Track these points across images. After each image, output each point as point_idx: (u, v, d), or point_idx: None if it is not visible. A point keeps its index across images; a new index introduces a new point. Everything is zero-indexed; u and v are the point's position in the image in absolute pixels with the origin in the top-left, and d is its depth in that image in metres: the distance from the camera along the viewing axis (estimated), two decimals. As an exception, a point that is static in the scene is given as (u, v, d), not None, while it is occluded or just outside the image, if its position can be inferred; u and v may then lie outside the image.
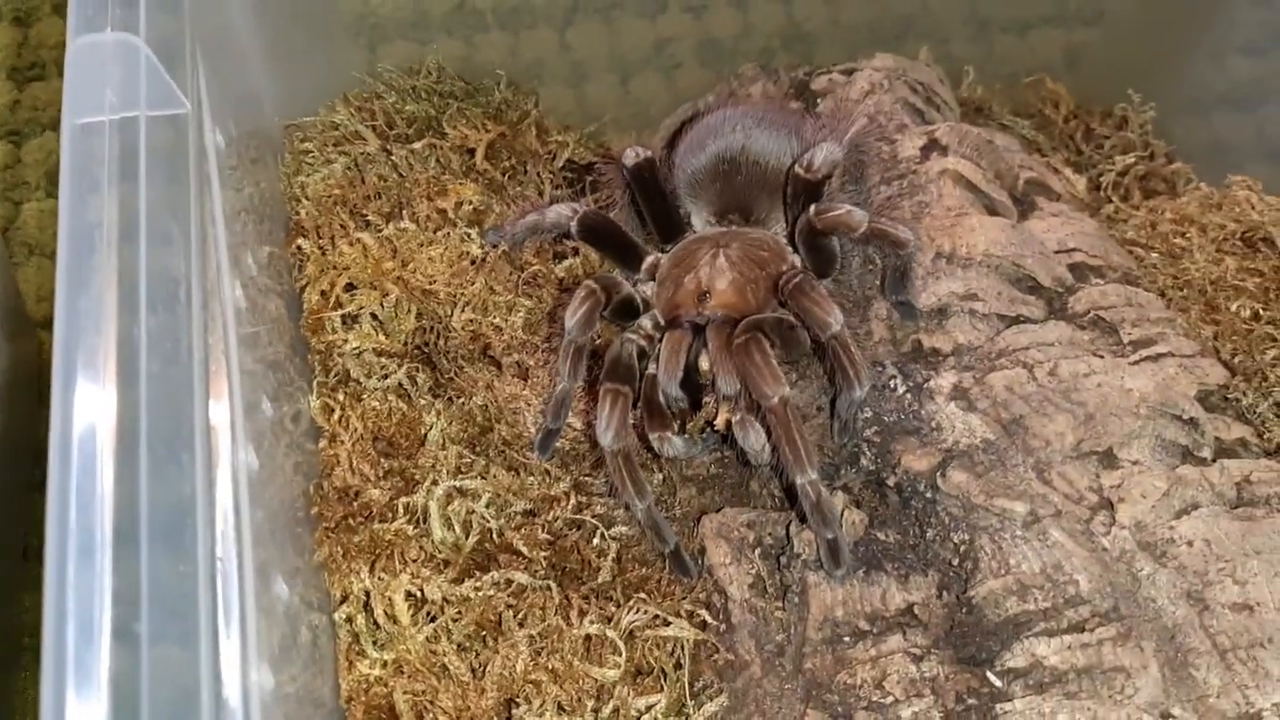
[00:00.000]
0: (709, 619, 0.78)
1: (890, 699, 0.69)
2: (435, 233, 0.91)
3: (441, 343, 0.87)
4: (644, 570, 0.80)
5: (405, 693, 0.72)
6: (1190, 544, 0.71)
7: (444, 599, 0.76)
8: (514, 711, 0.73)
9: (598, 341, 0.84)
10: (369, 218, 0.91)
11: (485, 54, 1.19)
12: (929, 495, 0.76)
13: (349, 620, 0.75)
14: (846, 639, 0.72)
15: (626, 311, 0.81)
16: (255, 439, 0.67)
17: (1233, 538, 0.71)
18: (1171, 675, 0.66)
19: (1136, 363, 0.81)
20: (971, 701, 0.68)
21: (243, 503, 0.59)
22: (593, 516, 0.81)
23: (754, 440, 0.73)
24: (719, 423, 0.76)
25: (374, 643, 0.74)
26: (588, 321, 0.77)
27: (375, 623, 0.75)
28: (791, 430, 0.70)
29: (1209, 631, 0.68)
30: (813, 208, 0.77)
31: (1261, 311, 0.91)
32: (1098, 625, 0.67)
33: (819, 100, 1.02)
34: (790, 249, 0.82)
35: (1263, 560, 0.70)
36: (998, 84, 1.19)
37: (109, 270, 0.60)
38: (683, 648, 0.77)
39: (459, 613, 0.76)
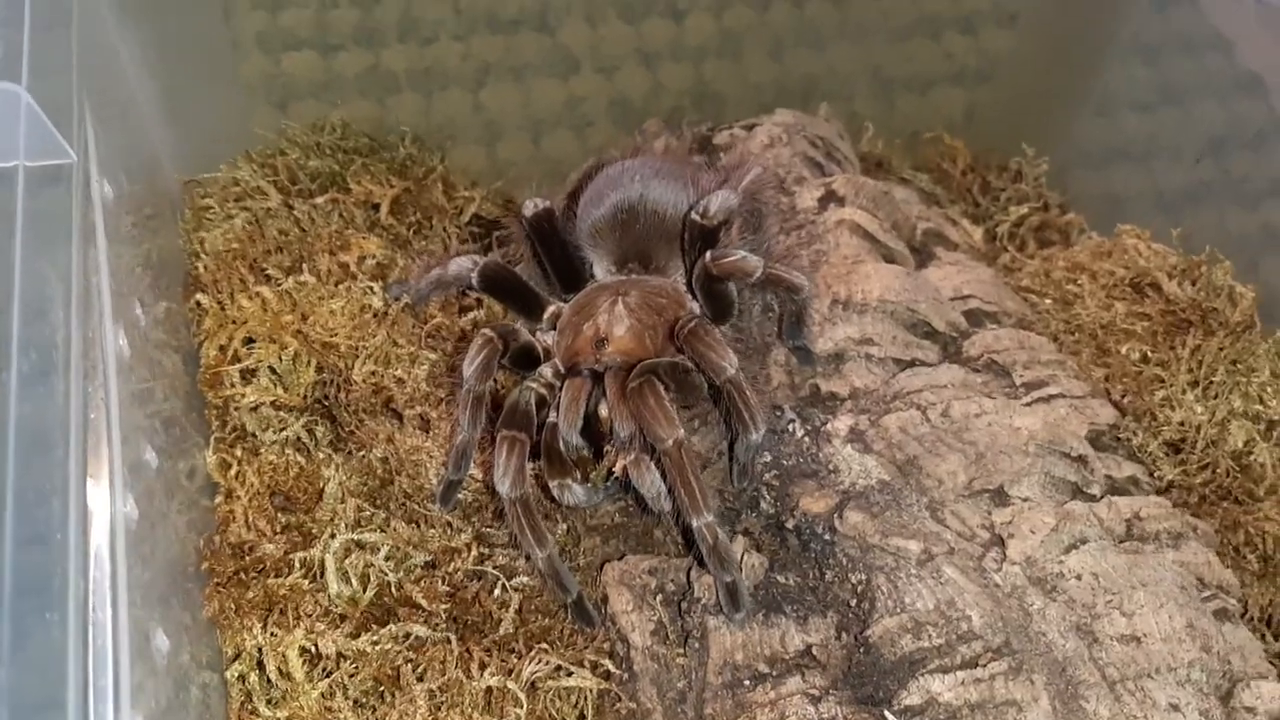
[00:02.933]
0: (612, 668, 0.77)
1: (779, 739, 0.69)
2: (337, 286, 0.91)
3: (342, 396, 0.87)
4: (546, 620, 0.80)
5: (291, 746, 0.71)
6: (1079, 577, 0.72)
7: (339, 654, 0.74)
8: (411, 767, 0.72)
9: (500, 392, 0.84)
10: (269, 272, 0.91)
11: (398, 114, 1.20)
12: (827, 537, 0.76)
13: (241, 678, 0.74)
14: (746, 682, 0.72)
15: (526, 360, 0.81)
16: (138, 493, 0.65)
17: (1120, 571, 0.72)
18: (1062, 708, 0.67)
19: (1029, 404, 0.83)
20: (869, 743, 0.68)
21: (119, 556, 0.58)
22: (494, 568, 0.81)
23: (650, 484, 0.73)
24: (617, 469, 0.76)
25: (267, 701, 0.73)
26: (485, 369, 0.77)
27: (268, 680, 0.73)
28: (686, 472, 0.70)
29: (1098, 663, 0.69)
30: (709, 254, 0.78)
31: (1150, 354, 0.94)
32: (990, 660, 0.68)
33: (721, 154, 1.04)
34: (689, 296, 0.82)
35: (1149, 592, 0.71)
36: (898, 140, 1.22)
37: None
38: (586, 698, 0.76)
39: (355, 668, 0.74)
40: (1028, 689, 0.67)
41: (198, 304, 0.89)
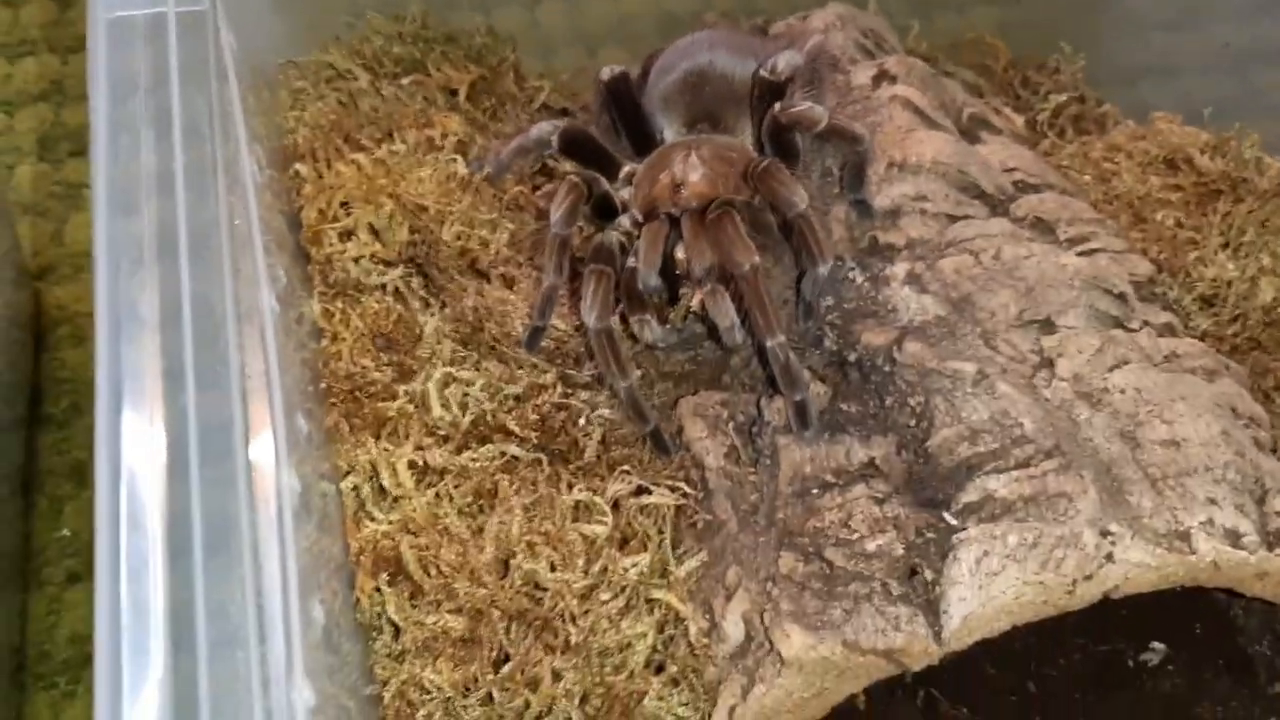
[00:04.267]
0: (687, 489, 0.84)
1: (856, 535, 0.76)
2: (424, 156, 0.98)
3: (433, 254, 0.94)
4: (626, 450, 0.87)
5: (411, 547, 0.78)
6: (1123, 392, 0.78)
7: (444, 468, 0.82)
8: (513, 561, 0.79)
9: (577, 253, 0.90)
10: (362, 142, 0.98)
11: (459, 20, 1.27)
12: (886, 368, 0.83)
13: (355, 489, 0.81)
14: (814, 491, 0.79)
15: (606, 211, 0.88)
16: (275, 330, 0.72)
17: (1160, 386, 0.79)
18: (1109, 500, 0.74)
19: (1075, 255, 0.89)
20: (930, 535, 0.75)
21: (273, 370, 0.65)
22: (578, 402, 0.88)
23: (725, 314, 0.80)
24: (694, 304, 0.83)
25: (380, 506, 0.80)
26: (571, 213, 0.84)
27: (381, 489, 0.81)
28: (761, 296, 0.77)
29: (1141, 464, 0.75)
30: (777, 105, 0.85)
31: (1184, 220, 1.00)
32: (1042, 460, 0.75)
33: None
34: (755, 152, 0.89)
35: (1187, 404, 0.78)
36: (941, 42, 1.28)
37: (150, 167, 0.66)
38: (664, 515, 0.84)
39: (458, 481, 0.82)
40: (1078, 483, 0.73)
41: (297, 172, 0.97)
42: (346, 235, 0.93)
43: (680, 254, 0.83)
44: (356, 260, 0.91)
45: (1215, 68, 1.30)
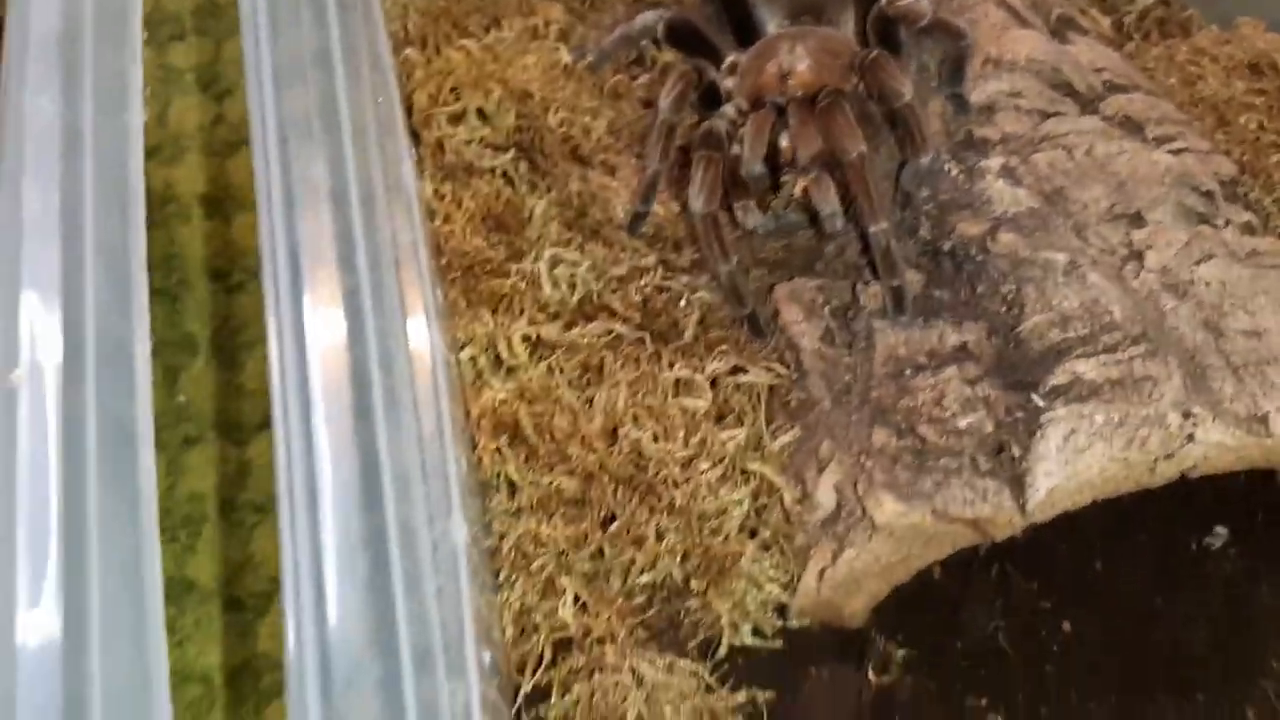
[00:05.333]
0: (781, 370, 0.89)
1: (948, 413, 0.80)
2: (529, 44, 1.01)
3: (538, 140, 0.98)
4: (723, 332, 0.92)
5: (527, 414, 0.84)
6: (1208, 284, 0.82)
7: (555, 342, 0.87)
8: (620, 430, 0.84)
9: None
10: (470, 29, 1.01)
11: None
12: (979, 257, 0.87)
13: (473, 359, 0.87)
14: (908, 372, 0.84)
15: (711, 100, 0.91)
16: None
17: (1243, 280, 0.83)
18: (1192, 384, 0.78)
19: (1164, 152, 0.93)
20: (1019, 415, 0.80)
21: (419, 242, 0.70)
22: (679, 284, 0.92)
23: (829, 201, 0.84)
24: (798, 190, 0.87)
25: (497, 376, 0.86)
26: (680, 100, 0.88)
27: (498, 360, 0.86)
28: (867, 183, 0.81)
29: (1223, 353, 0.80)
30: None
31: (1266, 124, 1.03)
32: (1129, 346, 0.79)
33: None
34: (858, 45, 0.92)
35: (1270, 298, 0.82)
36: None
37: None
38: (758, 393, 0.89)
39: (568, 355, 0.87)
40: (1163, 368, 0.78)
41: (407, 57, 1.00)
42: (456, 119, 0.97)
43: (785, 142, 0.87)
44: (467, 143, 0.95)
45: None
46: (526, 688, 0.80)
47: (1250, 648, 0.88)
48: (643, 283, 0.92)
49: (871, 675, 0.83)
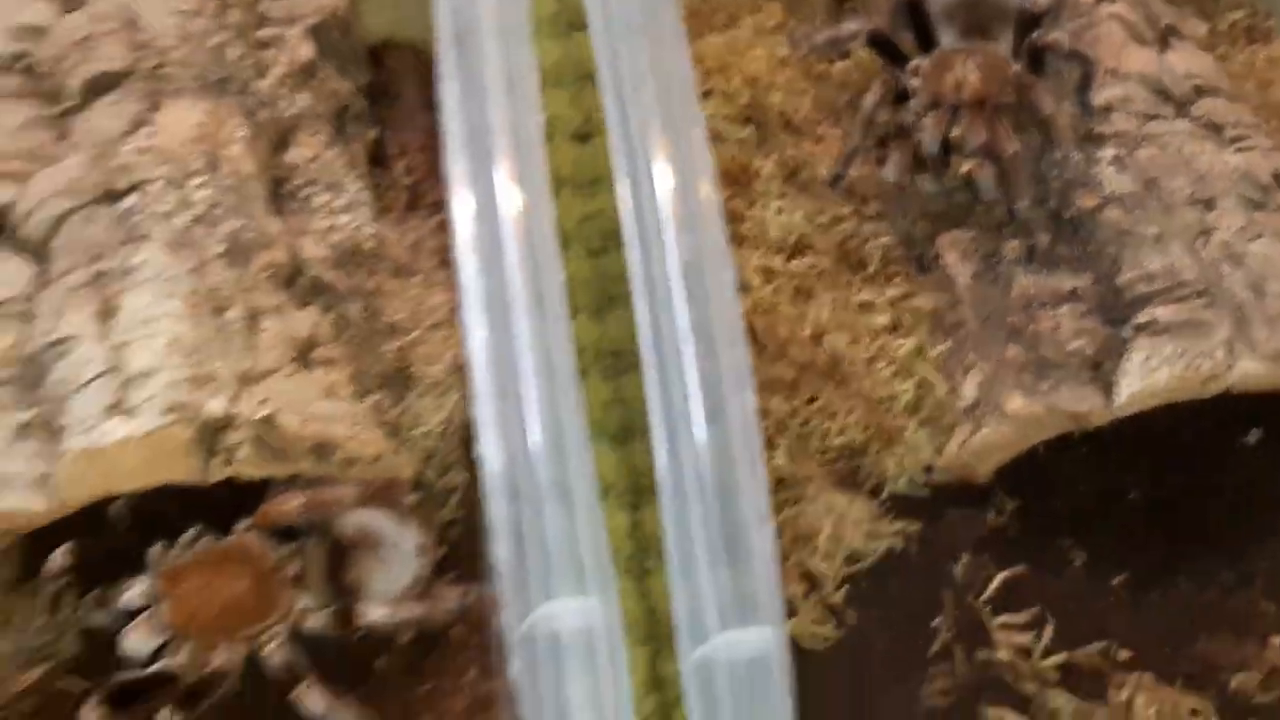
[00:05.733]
0: (942, 298, 1.23)
1: (1062, 337, 1.13)
2: (757, 38, 1.34)
3: (763, 115, 1.31)
4: (899, 268, 1.24)
5: (761, 322, 1.18)
6: (1256, 257, 1.14)
7: (779, 271, 1.21)
8: (825, 338, 1.19)
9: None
10: (716, 25, 1.34)
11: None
12: (1091, 225, 1.19)
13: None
14: (1035, 306, 1.16)
15: (900, 98, 1.24)
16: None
17: (1283, 255, 1.15)
18: (1237, 330, 1.09)
19: (1234, 151, 1.24)
20: (1112, 342, 1.13)
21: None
22: (866, 230, 1.26)
23: (988, 180, 1.16)
24: (962, 172, 1.20)
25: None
26: (881, 103, 1.20)
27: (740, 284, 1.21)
28: (1018, 173, 1.14)
29: (1263, 308, 1.11)
30: (1035, 33, 1.19)
31: (1328, 129, 1.33)
32: (1195, 299, 1.11)
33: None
34: (1011, 60, 1.24)
35: (1302, 270, 1.14)
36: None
37: None
38: (924, 314, 1.22)
39: (787, 280, 1.21)
40: (1217, 316, 1.10)
41: (666, 45, 1.33)
42: (705, 96, 1.30)
43: (957, 133, 1.19)
44: (712, 117, 1.29)
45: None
46: (753, 511, 1.16)
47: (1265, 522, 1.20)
48: (841, 228, 1.26)
49: (991, 517, 1.10)
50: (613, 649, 0.83)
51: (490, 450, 0.87)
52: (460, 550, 1.08)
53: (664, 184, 0.97)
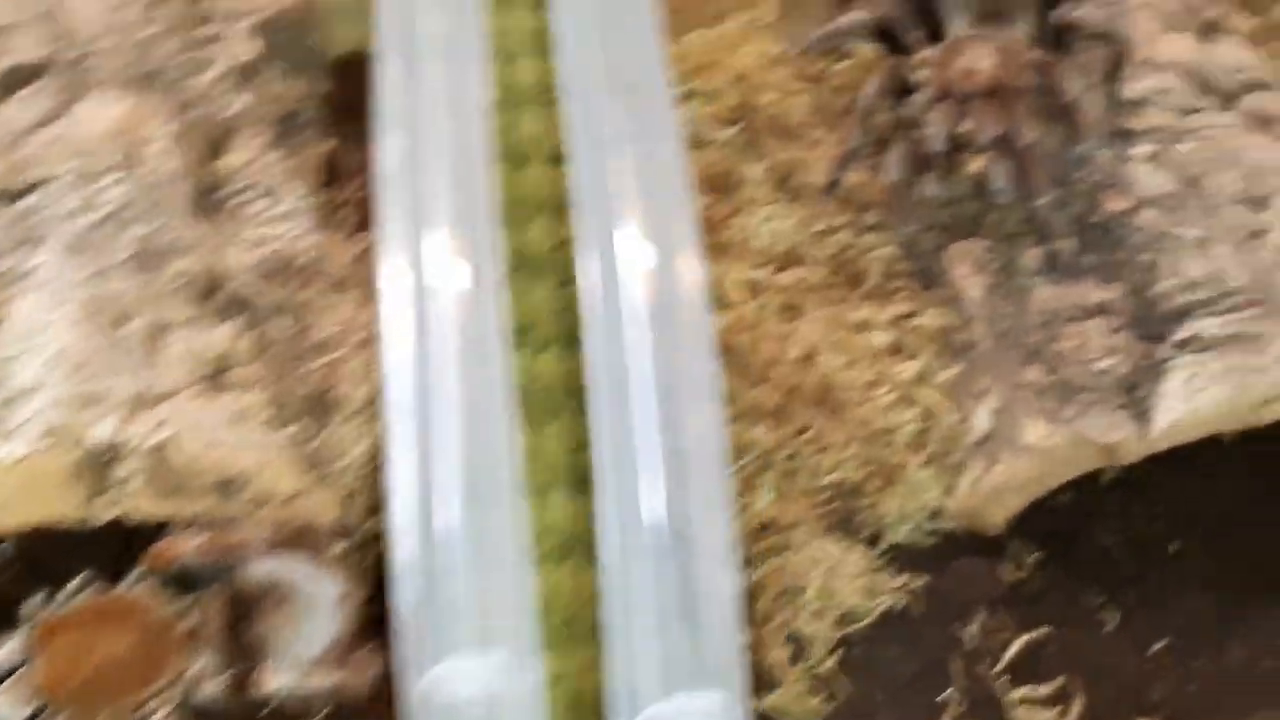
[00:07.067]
0: (951, 315, 1.08)
1: (1090, 356, 0.98)
2: (748, 33, 1.21)
3: (753, 116, 1.18)
4: (902, 282, 1.10)
5: (744, 339, 1.04)
6: (1312, 263, 0.99)
7: (766, 284, 1.07)
8: (816, 358, 1.04)
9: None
10: (702, 20, 1.21)
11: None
12: (1123, 230, 1.04)
13: (703, 295, 1.07)
14: (1057, 321, 1.01)
15: (904, 91, 1.10)
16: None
17: (1344, 260, 0.99)
18: (1293, 342, 0.95)
19: (1285, 146, 1.09)
20: (1149, 361, 0.97)
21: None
22: (865, 241, 1.12)
23: (1001, 175, 1.01)
24: (973, 168, 1.05)
25: (722, 309, 1.06)
26: (881, 93, 1.06)
27: (718, 298, 1.07)
28: (1034, 164, 0.99)
29: (1323, 318, 0.96)
30: (1059, 8, 1.05)
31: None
32: (1246, 307, 0.96)
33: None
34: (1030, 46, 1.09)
35: (1361, 277, 0.98)
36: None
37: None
38: (929, 334, 1.07)
39: (775, 295, 1.07)
40: (1273, 327, 0.94)
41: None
42: (689, 96, 1.17)
43: (967, 125, 1.04)
44: (698, 118, 1.16)
45: None
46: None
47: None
48: (836, 237, 1.11)
49: (1008, 570, 1.00)
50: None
51: (399, 486, 0.74)
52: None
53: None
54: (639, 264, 0.81)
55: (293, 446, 0.94)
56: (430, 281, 0.84)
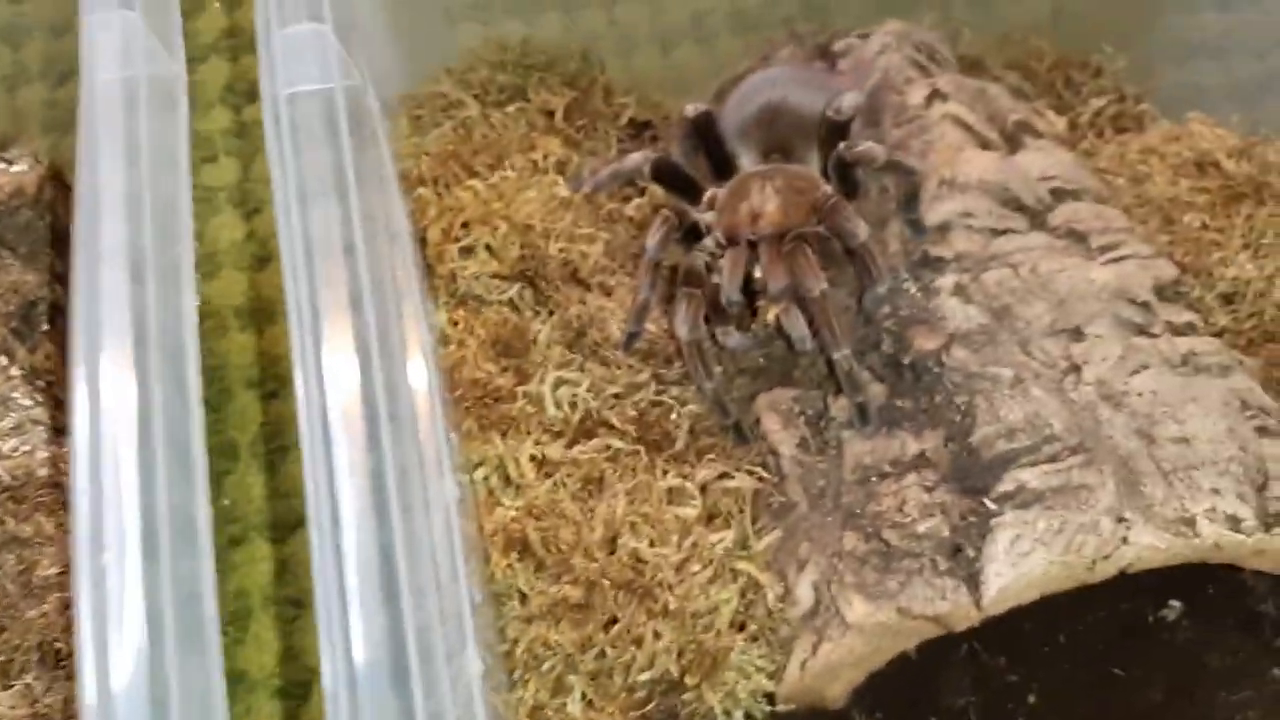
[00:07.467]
0: (764, 474, 0.98)
1: (909, 518, 0.89)
2: (529, 179, 1.12)
3: (540, 268, 1.08)
4: (711, 440, 1.01)
5: (535, 529, 0.94)
6: (1140, 394, 0.91)
7: (559, 460, 0.97)
8: (619, 539, 0.94)
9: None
10: (476, 168, 1.12)
11: (544, 33, 1.38)
12: (936, 370, 0.96)
13: (486, 479, 0.97)
14: (874, 479, 0.93)
15: (693, 235, 1.01)
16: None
17: (1175, 389, 0.91)
18: (1125, 490, 0.87)
19: (1104, 263, 1.02)
20: (972, 519, 0.89)
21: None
22: (669, 398, 1.02)
23: (798, 327, 0.93)
24: (769, 318, 0.96)
25: (507, 494, 0.96)
26: (664, 242, 0.98)
27: (508, 479, 0.96)
28: (829, 316, 0.91)
29: (1154, 459, 0.88)
30: (842, 145, 0.97)
31: (1209, 222, 1.11)
32: (1068, 456, 0.88)
33: (839, 59, 1.22)
34: (823, 180, 1.02)
35: (1198, 404, 0.91)
36: (990, 39, 1.38)
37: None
38: (744, 497, 0.98)
39: (570, 471, 0.97)
40: (1098, 476, 0.87)
41: (420, 196, 1.11)
42: (467, 252, 1.07)
43: (758, 273, 0.96)
44: (476, 276, 1.06)
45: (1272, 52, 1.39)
46: (542, 781, 0.90)
47: (1203, 708, 0.96)
48: (637, 398, 1.02)
49: None
50: None
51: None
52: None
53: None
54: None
55: (26, 702, 0.81)
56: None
